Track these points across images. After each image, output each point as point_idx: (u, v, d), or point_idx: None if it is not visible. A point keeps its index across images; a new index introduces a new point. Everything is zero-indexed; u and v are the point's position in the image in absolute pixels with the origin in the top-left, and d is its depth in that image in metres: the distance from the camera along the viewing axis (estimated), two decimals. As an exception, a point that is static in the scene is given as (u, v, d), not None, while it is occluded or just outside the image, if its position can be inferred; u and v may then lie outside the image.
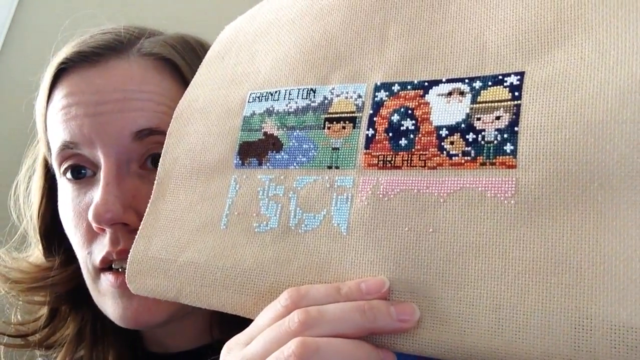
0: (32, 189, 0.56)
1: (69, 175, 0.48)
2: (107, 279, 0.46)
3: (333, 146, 0.37)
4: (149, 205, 0.42)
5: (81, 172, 0.48)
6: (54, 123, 0.49)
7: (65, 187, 0.49)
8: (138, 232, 0.42)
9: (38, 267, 0.54)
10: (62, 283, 0.53)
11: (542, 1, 0.33)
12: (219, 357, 0.43)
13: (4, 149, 1.01)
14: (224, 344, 0.45)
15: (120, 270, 0.46)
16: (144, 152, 0.47)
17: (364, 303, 0.31)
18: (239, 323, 0.46)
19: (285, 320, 0.31)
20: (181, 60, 0.49)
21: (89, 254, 0.47)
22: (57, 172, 0.50)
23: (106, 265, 0.46)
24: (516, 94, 0.32)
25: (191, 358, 0.50)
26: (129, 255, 0.41)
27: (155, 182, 0.43)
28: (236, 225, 0.38)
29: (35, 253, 0.55)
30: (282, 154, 0.39)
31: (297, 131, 0.39)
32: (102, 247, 0.46)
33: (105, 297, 0.47)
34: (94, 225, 0.45)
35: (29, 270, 0.53)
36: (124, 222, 0.45)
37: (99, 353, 0.53)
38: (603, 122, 0.29)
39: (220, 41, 0.47)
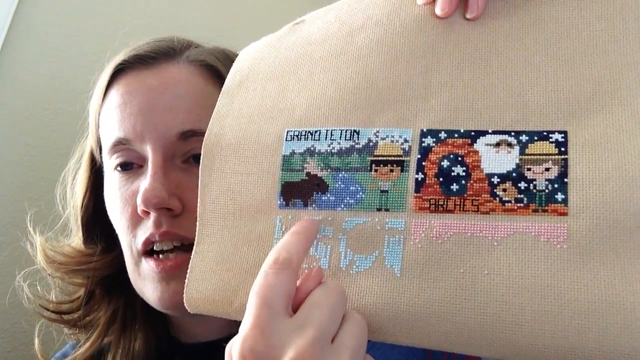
0: (77, 180, 0.60)
1: (118, 167, 0.53)
2: (149, 264, 0.50)
3: (381, 189, 0.38)
4: (194, 247, 0.42)
5: (128, 164, 0.53)
6: (108, 120, 0.53)
7: (112, 178, 0.54)
8: (187, 274, 0.41)
9: (80, 252, 0.58)
10: (102, 268, 0.57)
11: (582, 73, 0.36)
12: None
13: (4, 147, 1.00)
14: None
15: (161, 255, 0.50)
16: (187, 151, 0.52)
17: None
18: None
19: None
20: (222, 67, 0.54)
21: (133, 237, 0.51)
22: (107, 164, 0.54)
23: (148, 248, 0.50)
24: (562, 149, 0.35)
25: (215, 348, 0.52)
26: (184, 300, 0.41)
27: (198, 222, 0.42)
28: None
29: (75, 241, 0.60)
30: (328, 195, 0.39)
31: (343, 173, 0.39)
32: (145, 229, 0.50)
33: (146, 280, 0.51)
34: (140, 209, 0.49)
35: (72, 255, 0.58)
36: (168, 207, 0.49)
37: (126, 339, 0.57)
38: None
39: (238, 70, 0.46)
